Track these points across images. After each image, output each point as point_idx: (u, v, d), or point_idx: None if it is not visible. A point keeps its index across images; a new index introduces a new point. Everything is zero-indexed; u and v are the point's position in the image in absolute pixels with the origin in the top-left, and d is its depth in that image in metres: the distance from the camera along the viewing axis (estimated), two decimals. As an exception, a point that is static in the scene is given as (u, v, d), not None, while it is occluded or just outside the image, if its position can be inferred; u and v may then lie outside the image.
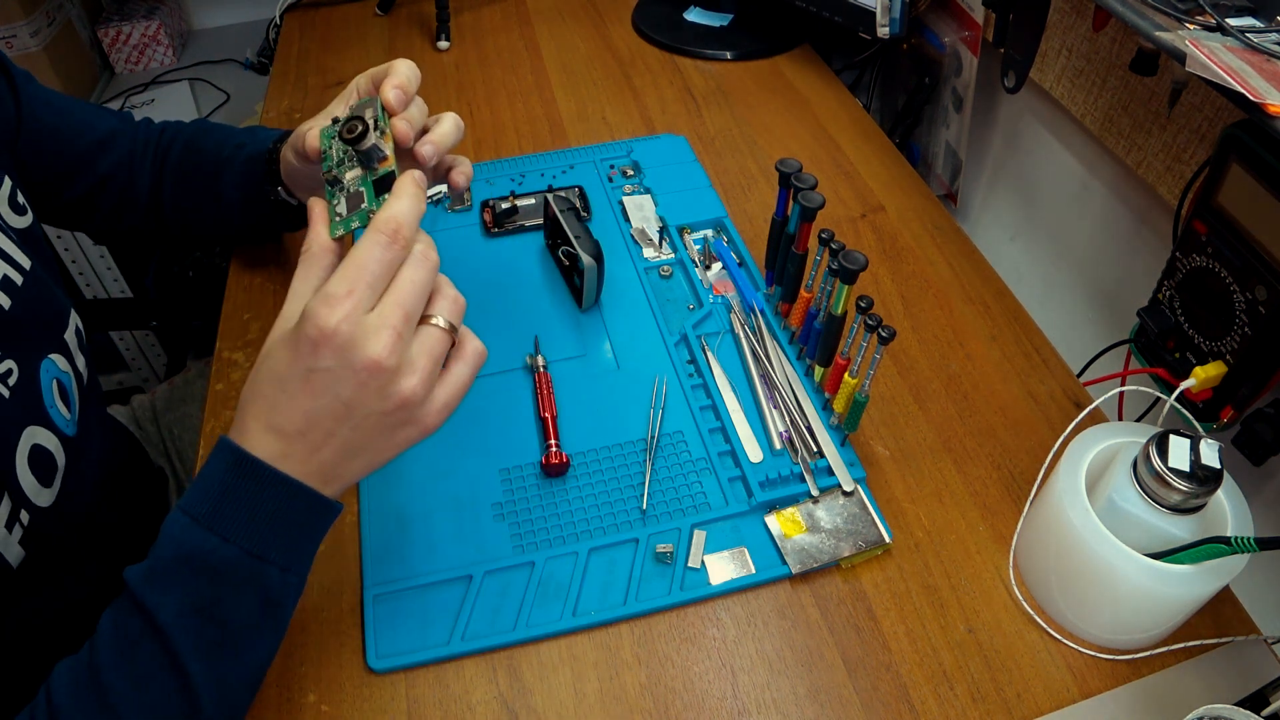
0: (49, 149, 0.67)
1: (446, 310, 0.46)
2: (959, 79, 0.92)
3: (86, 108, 0.71)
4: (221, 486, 0.43)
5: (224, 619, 0.43)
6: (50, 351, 0.58)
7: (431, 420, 0.45)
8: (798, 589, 0.55)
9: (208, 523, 0.42)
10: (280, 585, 0.45)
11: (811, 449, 0.61)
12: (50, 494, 0.56)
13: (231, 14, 1.64)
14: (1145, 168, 0.71)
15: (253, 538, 0.43)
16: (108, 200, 0.71)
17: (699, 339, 0.69)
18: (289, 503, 0.44)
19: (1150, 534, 0.48)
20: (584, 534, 0.57)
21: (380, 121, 0.50)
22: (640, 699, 0.50)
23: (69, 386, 0.59)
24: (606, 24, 1.14)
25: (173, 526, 0.43)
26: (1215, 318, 0.57)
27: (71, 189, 0.69)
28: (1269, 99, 0.44)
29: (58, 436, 0.57)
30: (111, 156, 0.70)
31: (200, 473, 0.44)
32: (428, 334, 0.45)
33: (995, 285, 0.76)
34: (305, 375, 0.42)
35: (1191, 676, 0.51)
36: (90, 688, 0.42)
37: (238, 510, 0.43)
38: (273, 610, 0.45)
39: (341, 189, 0.49)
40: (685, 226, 0.79)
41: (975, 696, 0.50)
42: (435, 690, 0.51)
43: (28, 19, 1.29)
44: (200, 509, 0.43)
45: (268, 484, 0.43)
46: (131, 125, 0.73)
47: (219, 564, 0.42)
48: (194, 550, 0.42)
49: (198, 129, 0.75)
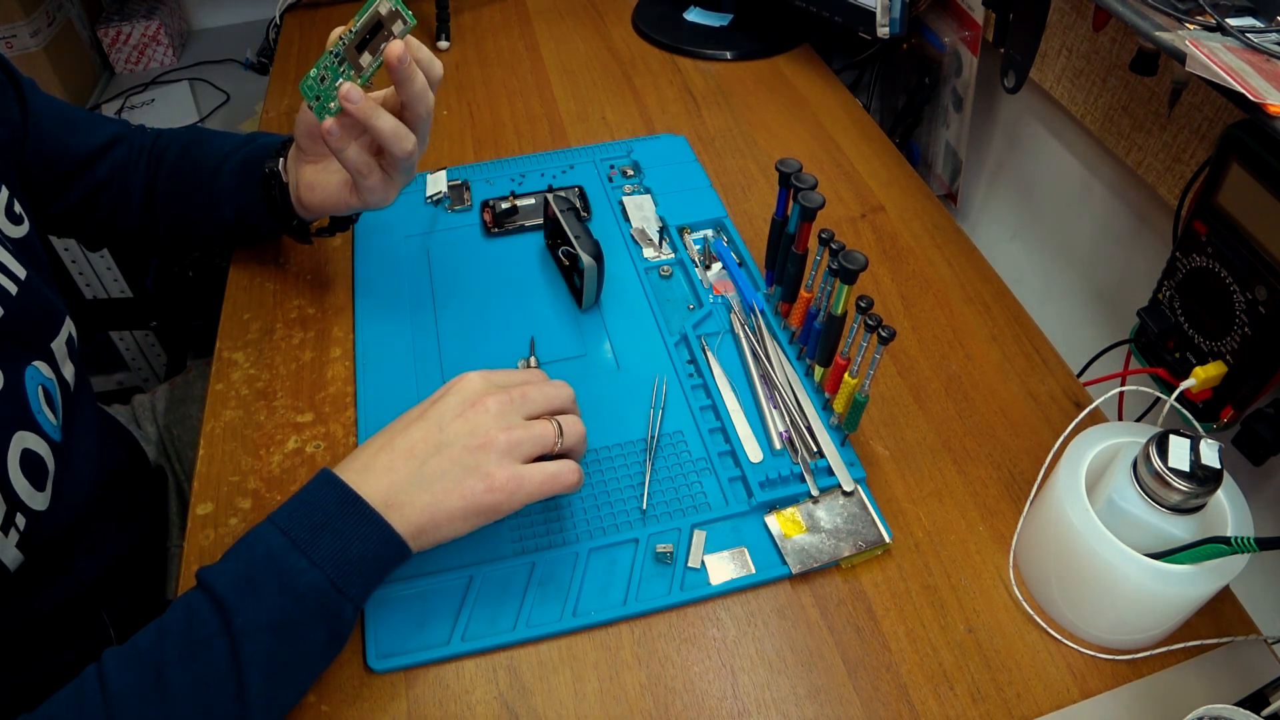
0: (50, 157, 0.67)
1: (567, 427, 0.52)
2: (959, 79, 0.92)
3: (87, 116, 0.71)
4: (324, 515, 0.46)
5: (295, 641, 0.44)
6: (35, 359, 0.58)
7: (500, 478, 0.48)
8: (798, 589, 0.55)
9: (303, 548, 0.45)
10: (349, 620, 0.47)
11: (811, 449, 0.61)
12: (44, 498, 0.56)
13: (231, 14, 1.64)
14: (1145, 168, 0.71)
15: (340, 569, 0.45)
16: (103, 206, 0.71)
17: (699, 339, 0.69)
18: (382, 546, 0.47)
19: (1150, 534, 0.48)
20: (584, 534, 0.57)
21: None
22: (640, 699, 0.50)
23: (54, 393, 0.59)
24: (606, 24, 1.14)
25: (268, 540, 0.46)
26: (1215, 318, 0.57)
27: (67, 196, 0.70)
28: (1269, 99, 0.44)
29: (46, 442, 0.57)
30: (108, 163, 0.70)
31: (299, 497, 0.48)
32: (536, 422, 0.51)
33: (995, 285, 0.76)
34: (425, 408, 0.51)
35: (1191, 676, 0.51)
36: (153, 681, 0.42)
37: (334, 540, 0.46)
38: (335, 644, 0.47)
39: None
40: (685, 226, 0.79)
41: (975, 696, 0.50)
42: (435, 690, 0.51)
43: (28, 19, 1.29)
44: (299, 533, 0.46)
45: (367, 521, 0.46)
46: (129, 132, 0.73)
47: (305, 588, 0.44)
48: (286, 568, 0.45)
49: (198, 132, 0.75)
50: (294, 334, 0.72)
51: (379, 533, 0.46)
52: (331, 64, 0.60)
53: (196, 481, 0.61)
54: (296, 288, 0.76)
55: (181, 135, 0.75)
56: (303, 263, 0.78)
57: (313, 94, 0.60)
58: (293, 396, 0.66)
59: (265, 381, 0.68)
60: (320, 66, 0.60)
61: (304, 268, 0.77)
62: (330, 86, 0.59)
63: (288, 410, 0.65)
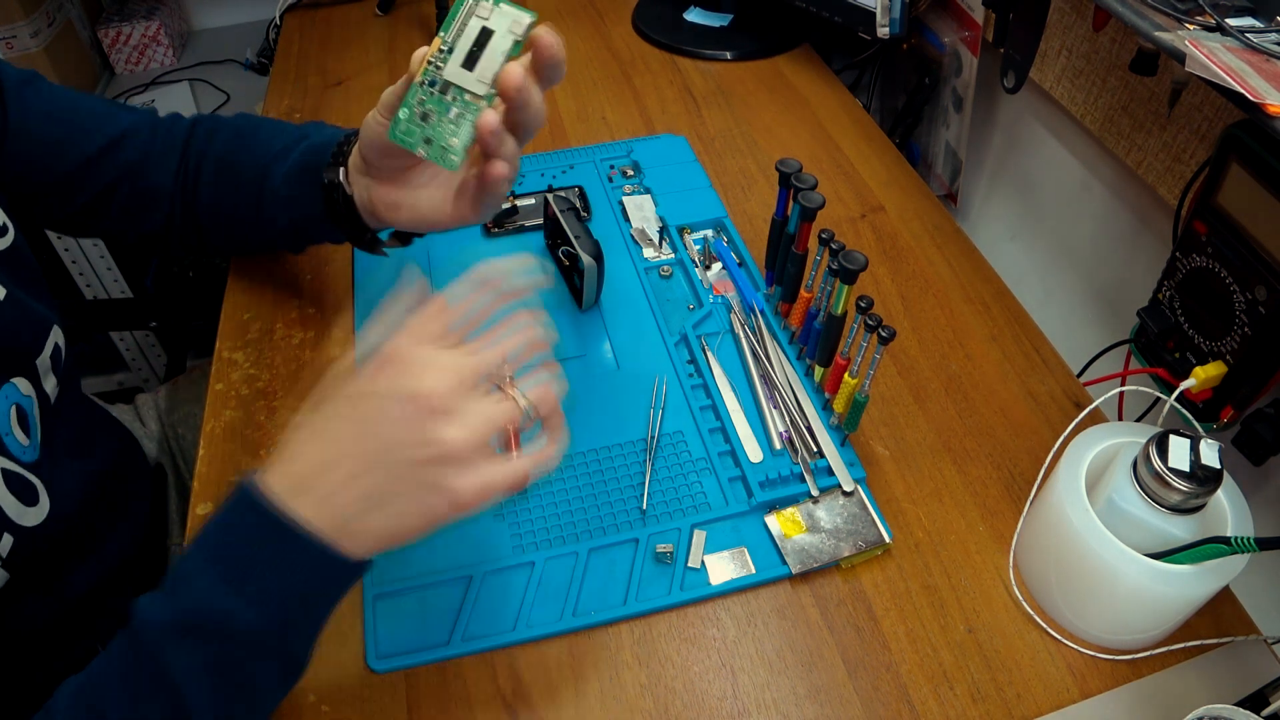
0: (42, 163, 0.63)
1: (536, 396, 0.43)
2: (959, 79, 0.92)
3: (96, 109, 0.66)
4: (248, 545, 0.40)
5: (242, 681, 0.41)
6: (12, 376, 0.56)
7: (465, 494, 0.40)
8: (798, 589, 0.55)
9: (236, 586, 0.40)
10: (304, 651, 0.43)
11: (811, 449, 0.61)
12: (36, 513, 0.55)
13: (231, 14, 1.64)
14: (1145, 168, 0.71)
15: (283, 606, 0.40)
16: (115, 206, 0.66)
17: (699, 339, 0.69)
18: (333, 577, 0.41)
19: (1150, 534, 0.48)
20: (584, 534, 0.57)
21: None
22: (640, 699, 0.50)
23: (29, 410, 0.57)
24: (606, 24, 1.14)
25: (196, 578, 0.40)
26: (1215, 318, 0.57)
27: (75, 198, 0.65)
28: (1269, 99, 0.44)
29: (16, 463, 0.55)
30: (119, 159, 0.65)
31: (220, 520, 0.41)
32: (496, 400, 0.42)
33: (995, 285, 0.76)
34: (354, 398, 0.41)
35: (1191, 676, 0.51)
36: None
37: (276, 578, 0.40)
38: (291, 674, 0.43)
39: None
40: (685, 226, 0.79)
41: (975, 696, 0.50)
42: (435, 690, 0.51)
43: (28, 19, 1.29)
44: (229, 571, 0.40)
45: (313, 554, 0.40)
46: (150, 123, 0.67)
47: (244, 633, 0.40)
48: (217, 611, 0.39)
49: (244, 122, 0.68)
50: (294, 334, 0.72)
51: (329, 567, 0.40)
52: (433, 97, 0.48)
53: (196, 481, 0.61)
54: (296, 288, 0.76)
55: (226, 127, 0.67)
56: (303, 263, 0.78)
57: (419, 138, 0.49)
58: (293, 396, 0.66)
59: (265, 381, 0.68)
60: (412, 104, 0.48)
61: (304, 268, 0.77)
62: (440, 126, 0.48)
63: (288, 410, 0.65)
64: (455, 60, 0.47)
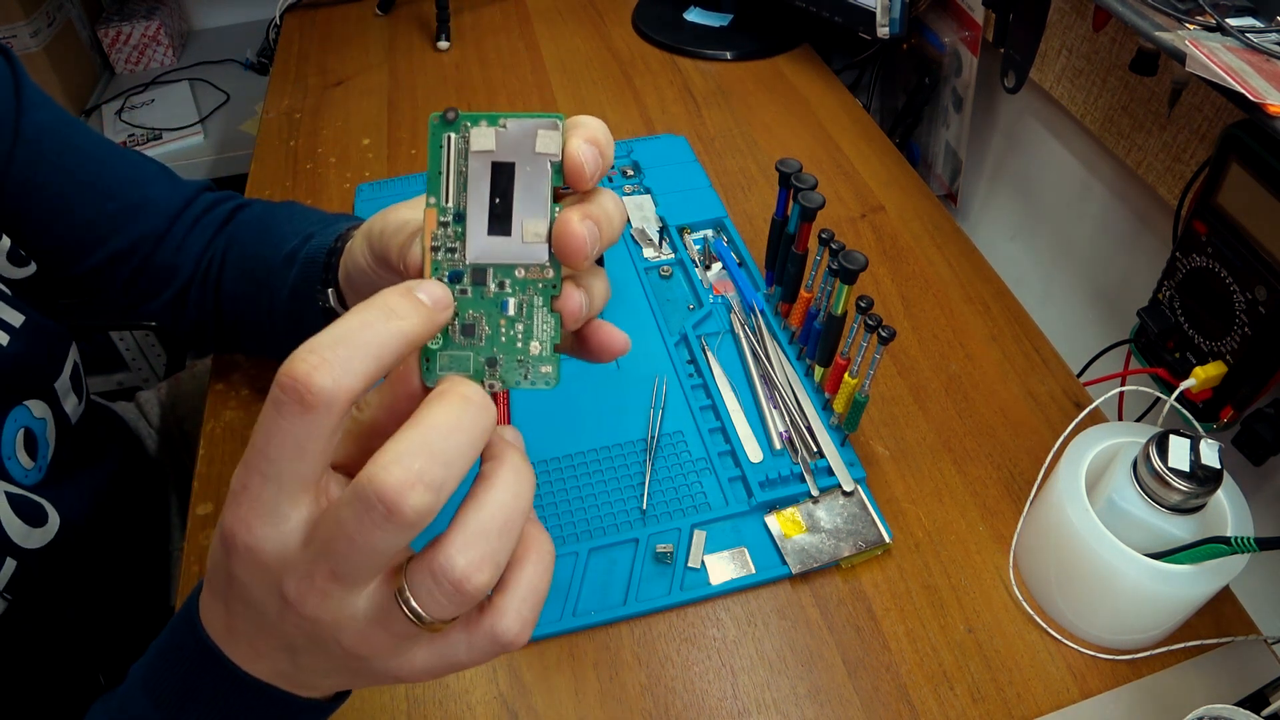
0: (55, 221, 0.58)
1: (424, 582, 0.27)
2: (959, 79, 0.92)
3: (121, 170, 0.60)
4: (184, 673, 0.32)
5: None
6: (26, 399, 0.55)
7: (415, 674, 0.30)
8: (798, 589, 0.55)
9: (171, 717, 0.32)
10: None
11: (811, 449, 0.61)
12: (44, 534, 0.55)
13: (231, 14, 1.64)
14: (1145, 168, 0.71)
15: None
16: (119, 276, 0.61)
17: (699, 339, 0.69)
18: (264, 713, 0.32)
19: (1150, 534, 0.48)
20: (584, 534, 0.57)
21: None
22: (640, 699, 0.50)
23: (39, 433, 0.56)
24: (606, 24, 1.14)
25: (131, 705, 0.33)
26: (1215, 318, 0.57)
27: (83, 262, 0.59)
28: (1269, 99, 0.44)
29: (19, 486, 0.55)
30: (133, 231, 0.59)
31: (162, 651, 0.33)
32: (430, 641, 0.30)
33: (995, 285, 0.76)
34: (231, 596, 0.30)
35: (1191, 676, 0.51)
36: None
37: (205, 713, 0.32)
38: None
39: None
40: (685, 226, 0.79)
41: (975, 696, 0.50)
42: (435, 690, 0.51)
43: (28, 19, 1.29)
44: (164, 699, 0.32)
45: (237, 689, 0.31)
46: (174, 196, 0.61)
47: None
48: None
49: (266, 210, 0.62)
50: (294, 334, 0.71)
51: (276, 706, 0.32)
52: (466, 298, 0.30)
53: (196, 481, 0.61)
54: (296, 288, 0.76)
55: (252, 220, 0.61)
56: (303, 263, 0.78)
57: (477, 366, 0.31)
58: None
59: (265, 382, 0.68)
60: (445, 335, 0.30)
61: (304, 268, 0.77)
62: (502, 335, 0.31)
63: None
64: (475, 230, 0.29)
